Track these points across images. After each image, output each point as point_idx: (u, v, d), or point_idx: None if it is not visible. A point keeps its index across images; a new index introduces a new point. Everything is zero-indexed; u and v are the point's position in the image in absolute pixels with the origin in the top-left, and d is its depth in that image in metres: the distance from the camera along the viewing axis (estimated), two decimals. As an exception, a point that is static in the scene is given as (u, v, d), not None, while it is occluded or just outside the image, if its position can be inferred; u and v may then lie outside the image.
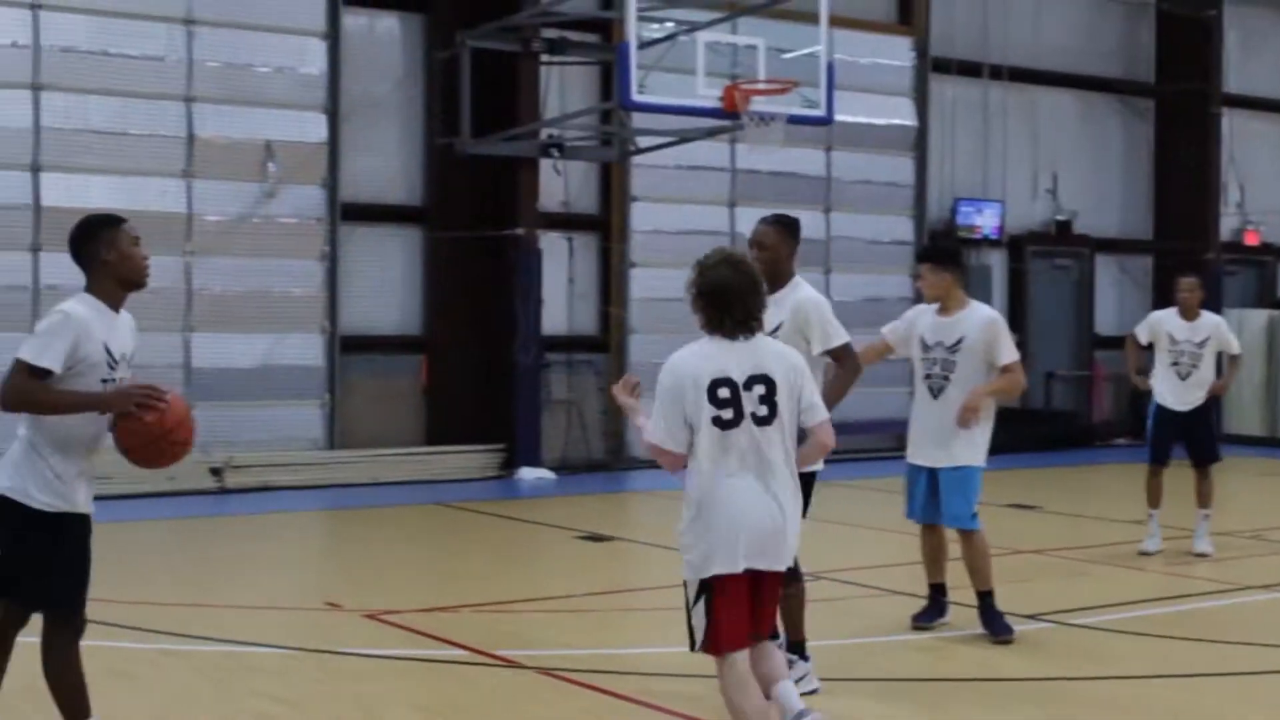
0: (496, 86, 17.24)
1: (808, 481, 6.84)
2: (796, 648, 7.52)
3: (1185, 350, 12.15)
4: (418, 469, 17.03)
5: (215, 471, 15.87)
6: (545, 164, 17.71)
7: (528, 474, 17.24)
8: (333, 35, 17.03)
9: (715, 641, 5.86)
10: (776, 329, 7.07)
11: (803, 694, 7.37)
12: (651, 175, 19.07)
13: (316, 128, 17.02)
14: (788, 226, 7.73)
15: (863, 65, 20.71)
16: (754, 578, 5.85)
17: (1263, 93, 24.75)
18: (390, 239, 17.86)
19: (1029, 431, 21.35)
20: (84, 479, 6.03)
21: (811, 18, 14.99)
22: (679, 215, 19.33)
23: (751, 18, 16.43)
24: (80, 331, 5.76)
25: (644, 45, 14.92)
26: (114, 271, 6.00)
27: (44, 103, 15.57)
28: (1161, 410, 12.23)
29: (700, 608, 5.87)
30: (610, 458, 18.65)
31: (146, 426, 5.81)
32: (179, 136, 16.25)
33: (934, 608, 9.16)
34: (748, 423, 5.77)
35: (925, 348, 8.98)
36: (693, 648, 5.97)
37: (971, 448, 8.83)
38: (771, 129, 14.91)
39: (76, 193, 15.58)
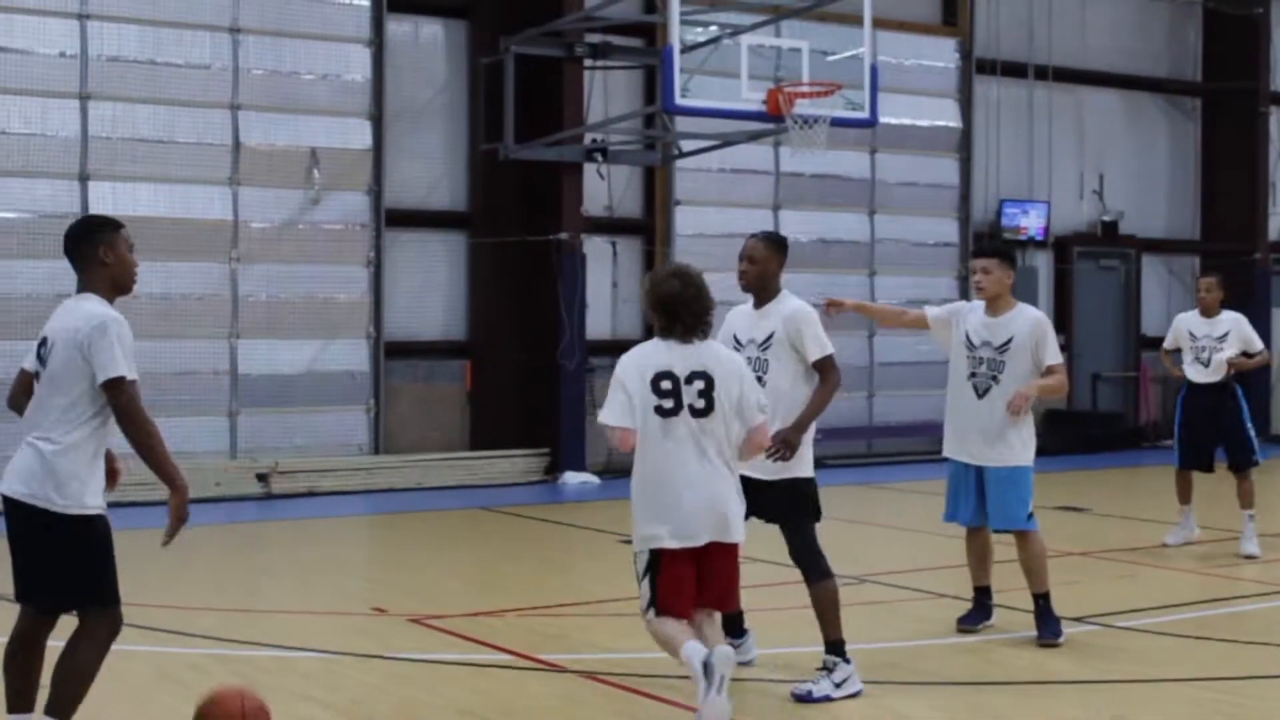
0: (540, 91, 17.27)
1: (804, 485, 7.61)
2: (835, 648, 7.52)
3: (1205, 345, 12.32)
4: (462, 474, 17.07)
5: (261, 477, 15.95)
6: (589, 168, 17.73)
7: (571, 478, 17.26)
8: (377, 42, 17.11)
9: (659, 610, 6.66)
10: (768, 339, 7.71)
11: (845, 696, 7.37)
12: (695, 179, 19.07)
13: (361, 134, 17.10)
14: (777, 243, 8.10)
15: (907, 67, 20.68)
16: (700, 553, 6.64)
17: (1310, 90, 24.55)
18: (434, 244, 17.92)
19: (1076, 433, 21.27)
20: None
21: (855, 20, 14.93)
22: (722, 219, 19.32)
23: (795, 20, 16.41)
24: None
25: (687, 49, 14.89)
26: (111, 274, 6.13)
27: (91, 112, 15.69)
28: (1189, 389, 12.41)
29: (647, 579, 6.67)
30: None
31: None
32: (224, 144, 16.36)
33: (979, 610, 9.13)
34: (685, 413, 6.60)
35: (971, 346, 8.96)
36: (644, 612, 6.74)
37: (1021, 446, 8.82)
38: (815, 132, 14.87)
39: (124, 201, 15.71)
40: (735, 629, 8.05)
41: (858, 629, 7.68)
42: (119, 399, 5.96)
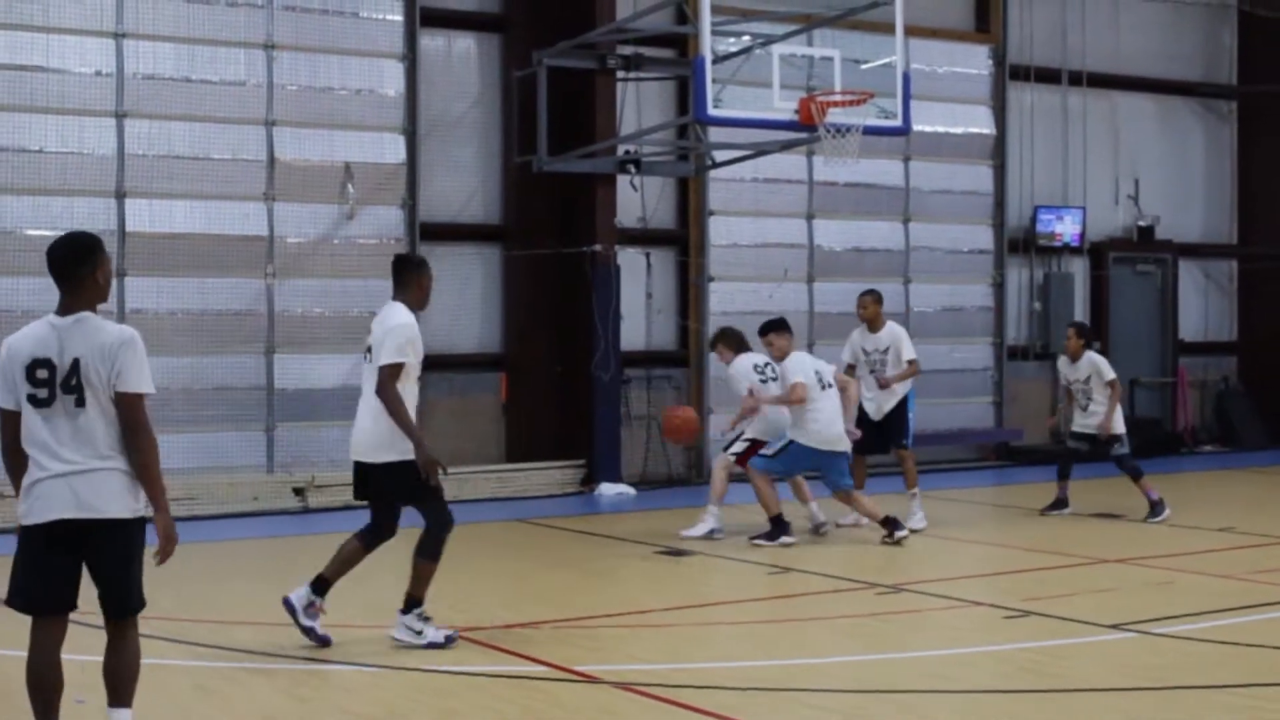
0: (573, 103, 17.32)
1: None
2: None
3: (875, 360, 14.43)
4: (498, 486, 17.12)
5: (298, 491, 16.02)
6: (622, 180, 17.76)
7: (607, 489, 17.29)
8: (410, 57, 17.18)
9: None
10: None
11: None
12: (728, 189, 19.09)
13: (395, 149, 17.17)
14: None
15: (940, 74, 20.66)
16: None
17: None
18: (469, 258, 17.98)
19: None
20: None
21: (887, 28, 14.93)
22: (756, 229, 19.34)
23: (827, 29, 16.43)
24: None
25: (719, 59, 14.93)
26: (101, 294, 6.32)
27: (128, 129, 15.81)
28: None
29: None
30: (689, 472, 18.67)
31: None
32: (260, 160, 16.45)
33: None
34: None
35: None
36: None
37: None
38: (848, 140, 14.87)
39: (160, 218, 15.84)
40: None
41: (892, 637, 7.67)
42: (138, 414, 6.13)
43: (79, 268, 6.22)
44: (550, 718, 7.43)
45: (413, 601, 8.95)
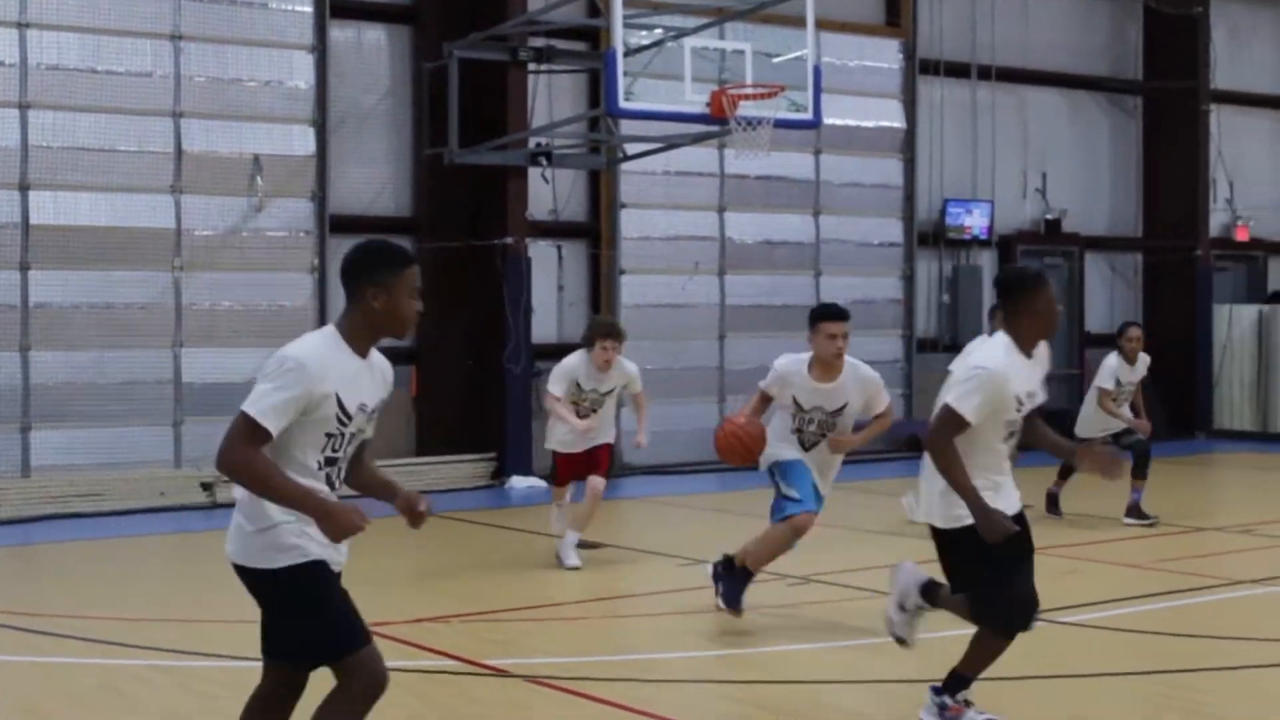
0: (484, 96, 17.26)
1: None
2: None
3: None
4: (408, 479, 16.98)
5: (206, 486, 15.85)
6: (534, 172, 17.73)
7: (519, 483, 17.25)
8: (320, 48, 17.04)
9: None
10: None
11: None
12: (640, 182, 19.08)
13: (304, 140, 17.03)
14: None
15: (851, 68, 20.75)
16: None
17: (1251, 88, 24.78)
18: (380, 251, 17.84)
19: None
20: None
21: (799, 21, 15.00)
22: (668, 221, 19.37)
23: (739, 23, 16.45)
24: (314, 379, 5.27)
25: (631, 52, 14.93)
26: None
27: (31, 120, 15.58)
28: None
29: None
30: (602, 466, 18.66)
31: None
32: (167, 152, 16.25)
33: None
34: None
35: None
36: None
37: None
38: (759, 133, 14.93)
39: (65, 210, 15.63)
40: None
41: (803, 628, 7.71)
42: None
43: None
44: (461, 712, 7.41)
45: None
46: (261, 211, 16.74)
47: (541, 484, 17.33)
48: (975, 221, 21.84)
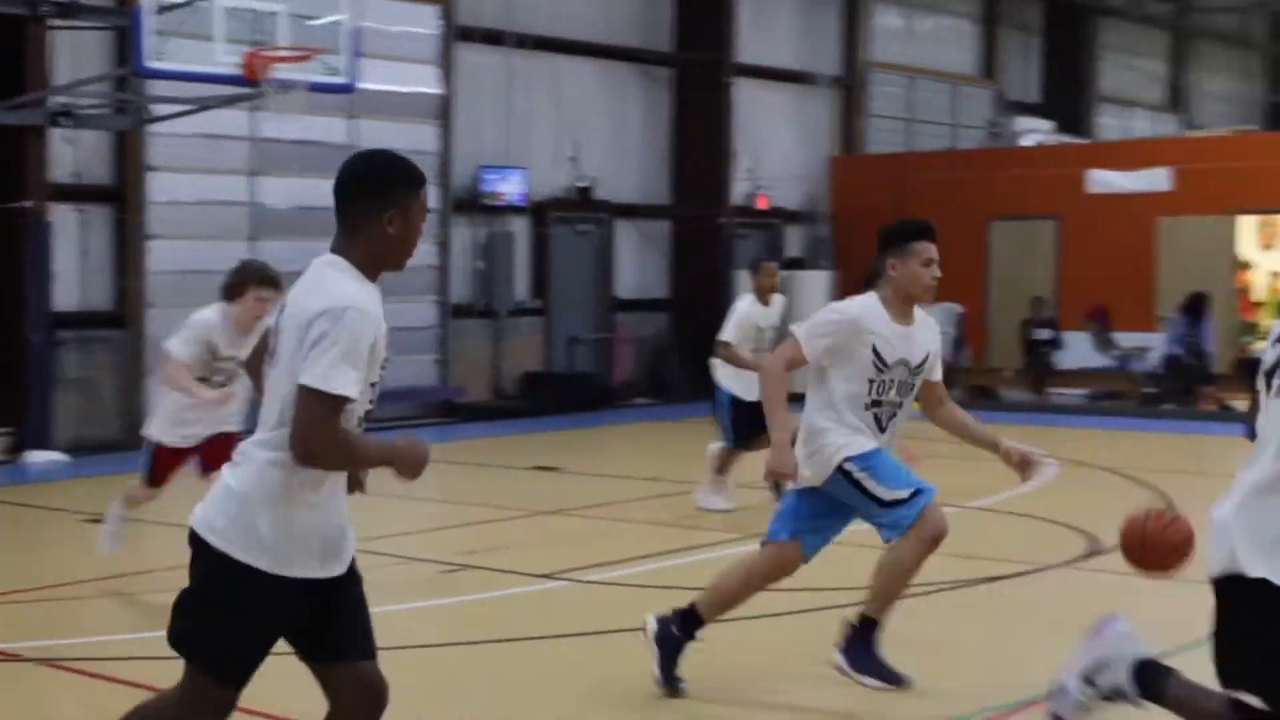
0: (2, 52, 16.42)
1: None
2: None
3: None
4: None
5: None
6: (55, 133, 16.98)
7: (37, 457, 16.48)
8: None
9: None
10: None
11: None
12: (170, 144, 18.47)
13: None
14: None
15: (389, 33, 20.58)
16: None
17: (772, 62, 25.90)
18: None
19: (551, 394, 21.78)
20: None
21: (336, -15, 14.90)
22: (199, 185, 18.84)
23: (274, -17, 16.21)
24: None
25: (162, 10, 14.57)
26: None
27: None
28: None
29: None
30: (126, 437, 17.99)
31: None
32: None
33: None
34: None
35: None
36: None
37: None
38: (292, 97, 14.76)
39: None
40: None
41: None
42: None
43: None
44: (-32, 700, 7.10)
45: None
46: None
47: (63, 458, 16.63)
48: (510, 188, 22.10)
